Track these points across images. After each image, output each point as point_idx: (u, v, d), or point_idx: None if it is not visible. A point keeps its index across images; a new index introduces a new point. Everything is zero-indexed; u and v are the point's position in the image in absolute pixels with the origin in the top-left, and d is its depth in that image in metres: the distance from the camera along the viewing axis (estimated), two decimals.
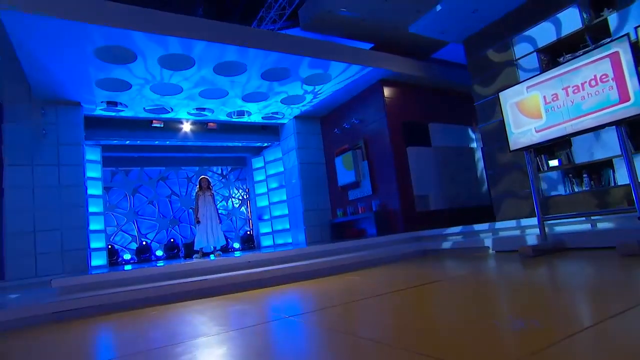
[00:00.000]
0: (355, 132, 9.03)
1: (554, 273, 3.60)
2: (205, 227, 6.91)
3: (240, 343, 2.23)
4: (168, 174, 11.43)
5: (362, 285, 4.16)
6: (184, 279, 4.87)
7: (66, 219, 7.41)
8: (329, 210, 9.95)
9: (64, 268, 7.26)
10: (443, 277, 3.92)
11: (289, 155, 10.40)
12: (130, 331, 3.12)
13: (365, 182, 8.69)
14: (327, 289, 4.13)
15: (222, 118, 9.72)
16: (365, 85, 8.57)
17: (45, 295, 4.61)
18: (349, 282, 4.40)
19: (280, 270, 5.09)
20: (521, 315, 2.11)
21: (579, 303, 2.40)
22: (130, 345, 2.59)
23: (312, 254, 5.95)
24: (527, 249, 4.49)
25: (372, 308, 2.88)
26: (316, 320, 2.63)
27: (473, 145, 9.18)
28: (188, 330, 2.77)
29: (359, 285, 4.14)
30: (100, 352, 2.64)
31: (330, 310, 2.96)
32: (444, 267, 4.72)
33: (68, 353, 2.50)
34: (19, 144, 7.27)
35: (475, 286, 3.36)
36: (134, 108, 8.52)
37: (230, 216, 12.03)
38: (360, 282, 4.33)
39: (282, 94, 8.63)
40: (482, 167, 9.03)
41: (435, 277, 4.05)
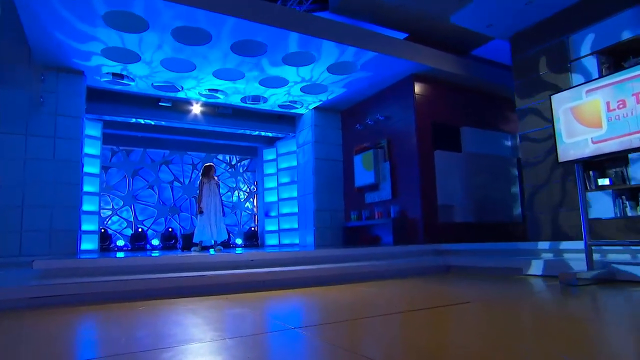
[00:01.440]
0: (378, 130, 8.84)
1: (601, 307, 3.31)
2: (208, 218, 6.76)
3: (237, 354, 2.00)
4: (172, 158, 11.38)
5: (376, 299, 3.93)
6: (179, 273, 4.70)
7: (58, 197, 7.33)
8: (343, 212, 9.79)
9: (50, 249, 7.17)
10: (469, 299, 3.65)
11: (304, 149, 10.25)
12: (114, 327, 2.93)
13: (385, 185, 8.48)
14: (338, 299, 3.90)
15: (236, 102, 9.60)
16: (394, 79, 8.37)
17: (25, 277, 4.45)
18: (361, 295, 4.16)
19: (286, 273, 4.93)
20: (563, 353, 1.85)
21: (629, 345, 2.12)
22: (111, 344, 2.39)
23: (322, 259, 5.77)
24: (569, 276, 4.19)
25: (389, 328, 2.63)
26: (325, 336, 2.39)
27: (509, 155, 8.87)
28: (178, 333, 2.56)
29: (373, 299, 3.90)
30: (75, 350, 2.44)
31: (342, 325, 2.72)
32: (470, 288, 4.45)
33: (36, 349, 2.30)
34: (13, 111, 7.16)
35: (507, 313, 3.08)
36: (142, 83, 8.42)
37: (234, 209, 11.95)
38: (375, 296, 4.09)
39: (303, 81, 8.46)
40: (517, 180, 8.73)
41: (460, 298, 3.79)
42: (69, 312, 3.48)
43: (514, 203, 8.68)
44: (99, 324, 3.18)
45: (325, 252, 5.95)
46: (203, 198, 6.82)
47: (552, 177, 6.06)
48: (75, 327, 3.04)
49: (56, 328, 2.91)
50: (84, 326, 3.13)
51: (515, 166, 8.84)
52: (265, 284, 4.72)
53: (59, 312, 3.47)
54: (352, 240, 9.38)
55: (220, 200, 6.98)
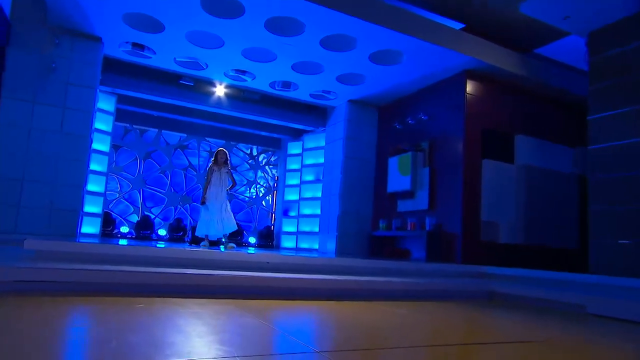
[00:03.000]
0: (420, 131, 8.59)
1: None
2: (215, 210, 6.56)
3: None
4: (189, 142, 11.32)
5: (411, 324, 3.58)
6: (186, 269, 4.45)
7: (61, 173, 7.27)
8: (370, 220, 9.58)
9: (49, 229, 7.11)
10: (525, 337, 3.25)
11: (333, 145, 10.07)
12: (105, 326, 2.67)
13: (422, 194, 8.21)
14: (366, 320, 3.57)
15: (263, 87, 9.44)
16: (444, 75, 8.07)
17: (14, 257, 4.27)
18: (392, 317, 3.82)
19: (305, 282, 4.66)
20: None
21: None
22: (99, 348, 2.12)
23: (346, 269, 5.47)
24: None
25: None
26: None
27: (570, 170, 8.41)
28: (178, 343, 2.27)
29: (407, 324, 3.56)
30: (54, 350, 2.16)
31: (373, 355, 2.38)
32: (524, 323, 4.03)
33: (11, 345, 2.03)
34: (22, 75, 7.13)
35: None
36: (163, 57, 8.31)
37: (251, 205, 11.80)
38: (408, 320, 3.74)
39: (340, 69, 8.23)
40: (578, 200, 8.28)
41: (516, 334, 3.40)
42: (57, 302, 3.25)
43: (572, 226, 8.22)
44: (88, 321, 2.93)
45: (350, 262, 5.64)
46: (211, 187, 6.64)
47: (631, 200, 5.57)
48: (60, 321, 2.78)
49: (38, 320, 2.66)
50: (71, 321, 2.88)
51: (576, 184, 8.37)
52: (280, 292, 4.45)
53: (45, 301, 3.24)
54: (378, 251, 9.13)
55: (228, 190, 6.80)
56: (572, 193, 8.34)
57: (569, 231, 8.18)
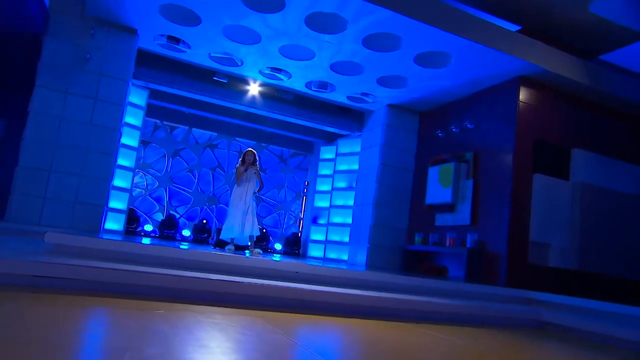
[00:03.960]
0: (464, 140, 8.29)
1: None
2: (240, 212, 6.40)
3: None
4: (219, 142, 11.32)
5: (455, 351, 3.28)
6: (210, 274, 4.30)
7: (89, 165, 7.32)
8: (405, 232, 9.31)
9: (72, 222, 7.13)
10: None
11: (369, 152, 9.86)
12: (121, 333, 2.49)
13: (464, 208, 7.89)
14: (405, 344, 3.32)
15: (299, 87, 9.32)
16: (495, 80, 7.72)
17: (33, 250, 4.20)
18: (433, 341, 3.53)
19: (338, 297, 4.43)
20: None
21: None
22: None
23: (381, 285, 5.21)
24: None
25: None
26: None
27: (637, 192, 7.93)
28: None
29: (452, 352, 3.25)
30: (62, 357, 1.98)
31: None
32: (578, 359, 3.67)
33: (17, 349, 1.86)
34: (57, 65, 7.24)
35: None
36: (198, 52, 8.29)
37: (278, 210, 11.70)
38: (453, 347, 3.44)
39: (382, 70, 8.00)
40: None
41: None
42: (73, 302, 3.11)
43: (636, 255, 7.68)
44: (103, 325, 2.77)
45: (386, 278, 5.39)
46: (236, 188, 6.57)
47: None
48: (74, 324, 2.62)
49: (50, 321, 2.50)
50: (84, 324, 2.71)
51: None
52: (310, 305, 4.23)
53: (60, 299, 3.11)
54: (412, 266, 8.84)
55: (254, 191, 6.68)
56: (637, 217, 7.77)
57: (633, 260, 7.63)
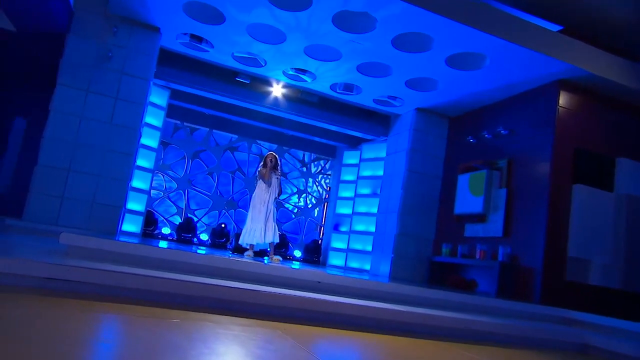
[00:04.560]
0: (497, 147, 8.06)
1: None
2: (261, 218, 6.29)
3: None
4: (239, 144, 11.31)
5: None
6: (228, 281, 4.17)
7: (107, 166, 7.34)
8: (432, 243, 9.13)
9: (89, 223, 7.13)
10: None
11: (395, 157, 9.70)
12: (131, 346, 2.34)
13: (496, 218, 7.63)
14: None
15: (323, 89, 9.22)
16: (532, 84, 7.46)
17: (47, 250, 4.14)
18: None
19: (364, 310, 4.20)
20: None
21: None
22: None
23: (409, 299, 5.00)
24: None
25: None
26: None
27: None
28: None
29: None
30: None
31: None
32: None
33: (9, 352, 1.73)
34: (79, 63, 7.30)
35: None
36: (221, 51, 8.27)
37: (299, 216, 11.59)
38: None
39: (411, 72, 7.82)
40: None
41: None
42: (85, 307, 2.99)
43: None
44: (115, 334, 2.63)
45: (415, 292, 5.17)
46: (259, 193, 6.44)
47: None
48: (85, 333, 2.49)
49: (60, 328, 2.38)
50: (95, 332, 2.58)
51: None
52: (333, 318, 4.04)
53: (72, 305, 2.99)
54: (438, 279, 8.63)
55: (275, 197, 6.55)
56: None
57: None
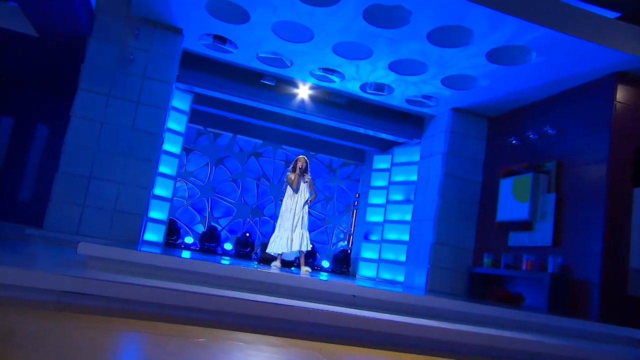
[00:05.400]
0: (544, 148, 7.78)
1: None
2: (290, 225, 6.10)
3: None
4: (264, 150, 11.26)
5: None
6: (256, 295, 4.00)
7: (129, 172, 7.31)
8: (471, 252, 8.89)
9: (110, 232, 7.10)
10: None
11: (429, 161, 9.49)
12: None
13: (544, 226, 7.31)
14: None
15: (353, 90, 9.08)
16: (585, 78, 7.12)
17: (65, 261, 4.01)
18: None
19: (403, 327, 3.89)
20: None
21: None
22: None
23: (452, 314, 4.71)
24: None
25: None
26: None
27: None
28: None
29: None
30: None
31: None
32: None
33: None
34: (101, 67, 7.32)
35: None
36: (245, 52, 8.21)
37: (326, 224, 11.44)
38: None
39: (448, 69, 7.57)
40: None
41: None
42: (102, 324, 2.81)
43: None
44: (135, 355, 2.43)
45: (459, 307, 4.88)
46: (286, 199, 6.29)
47: None
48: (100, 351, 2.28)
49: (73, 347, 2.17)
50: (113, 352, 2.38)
51: None
52: (371, 336, 3.76)
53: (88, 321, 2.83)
54: (480, 292, 8.32)
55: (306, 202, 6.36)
56: None
57: None
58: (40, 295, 3.12)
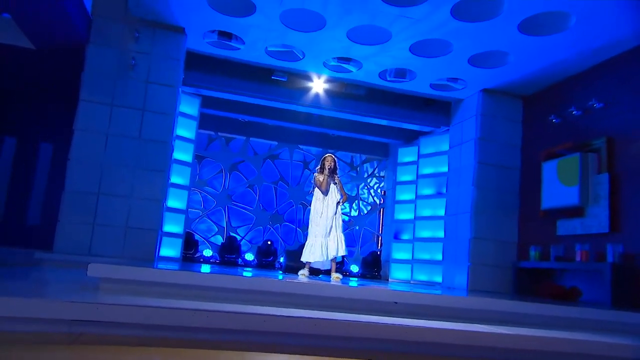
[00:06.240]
0: (590, 124, 7.49)
1: None
2: (323, 230, 5.89)
3: None
4: (280, 151, 11.18)
5: None
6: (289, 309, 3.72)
7: (139, 185, 7.21)
8: (515, 246, 8.62)
9: (124, 250, 6.98)
10: None
11: (460, 149, 9.26)
12: None
13: (598, 211, 7.00)
14: None
15: (372, 79, 8.88)
16: (634, 41, 6.75)
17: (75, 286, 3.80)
18: None
19: (456, 335, 3.56)
20: None
21: None
22: None
23: (509, 316, 4.38)
24: None
25: None
26: None
27: None
28: None
29: None
30: None
31: None
32: None
33: None
34: (102, 74, 7.23)
35: None
36: (253, 47, 8.08)
37: (352, 226, 11.28)
38: None
39: (475, 46, 7.27)
40: None
41: None
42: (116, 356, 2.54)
43: None
44: None
45: (513, 306, 4.54)
46: (316, 205, 6.05)
47: None
48: None
49: None
50: None
51: None
52: (424, 348, 3.49)
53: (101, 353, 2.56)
54: (528, 288, 8.02)
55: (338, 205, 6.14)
56: None
57: None
58: (48, 326, 2.89)
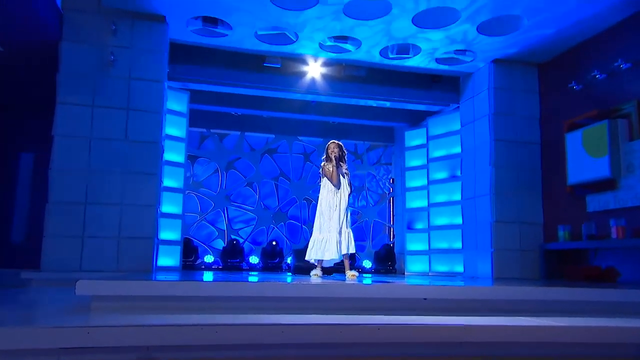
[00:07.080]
0: (616, 87, 7.27)
1: None
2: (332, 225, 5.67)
3: None
4: (278, 145, 11.07)
5: None
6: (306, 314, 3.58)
7: (129, 191, 7.05)
8: (541, 227, 8.45)
9: (118, 263, 6.79)
10: None
11: (474, 127, 9.09)
12: None
13: (633, 182, 6.81)
14: None
15: (372, 58, 8.71)
16: None
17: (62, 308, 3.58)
18: None
19: (495, 332, 3.37)
20: None
21: None
22: None
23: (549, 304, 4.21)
24: None
25: None
26: None
27: None
28: None
29: None
30: None
31: None
32: None
33: None
34: (78, 74, 7.02)
35: None
36: (242, 32, 7.88)
37: (361, 219, 11.14)
38: None
39: (484, 11, 7.02)
40: None
41: None
42: None
43: None
44: None
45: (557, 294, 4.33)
46: (325, 195, 5.83)
47: None
48: None
49: None
50: None
51: None
52: (464, 350, 3.29)
53: None
54: (557, 271, 7.89)
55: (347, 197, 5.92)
56: None
57: None
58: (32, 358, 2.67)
